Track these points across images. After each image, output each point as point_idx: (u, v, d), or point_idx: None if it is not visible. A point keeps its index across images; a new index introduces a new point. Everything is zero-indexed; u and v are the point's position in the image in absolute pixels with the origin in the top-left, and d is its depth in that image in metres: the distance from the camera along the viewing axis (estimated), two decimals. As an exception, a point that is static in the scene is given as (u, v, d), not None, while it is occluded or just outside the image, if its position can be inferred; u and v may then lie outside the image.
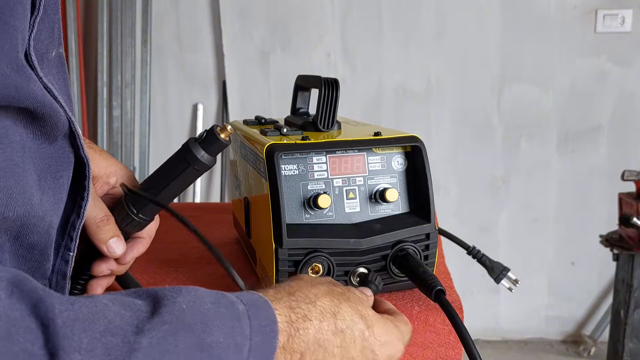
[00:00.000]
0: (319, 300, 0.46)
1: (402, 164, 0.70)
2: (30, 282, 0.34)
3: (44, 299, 0.33)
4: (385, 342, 0.49)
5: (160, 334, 0.36)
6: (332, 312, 0.46)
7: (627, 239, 1.72)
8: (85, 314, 0.34)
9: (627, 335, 1.73)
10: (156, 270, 0.82)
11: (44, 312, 0.33)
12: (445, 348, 0.67)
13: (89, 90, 2.56)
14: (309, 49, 2.44)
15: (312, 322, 0.44)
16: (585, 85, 2.39)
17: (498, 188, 2.51)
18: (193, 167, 0.61)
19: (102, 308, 0.35)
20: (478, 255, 0.83)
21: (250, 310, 0.41)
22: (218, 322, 0.39)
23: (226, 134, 0.61)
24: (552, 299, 2.58)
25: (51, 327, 0.32)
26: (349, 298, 0.49)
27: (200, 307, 0.39)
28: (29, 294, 0.33)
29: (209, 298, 0.41)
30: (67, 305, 0.34)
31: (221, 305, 0.41)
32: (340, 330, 0.46)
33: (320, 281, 0.51)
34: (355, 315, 0.47)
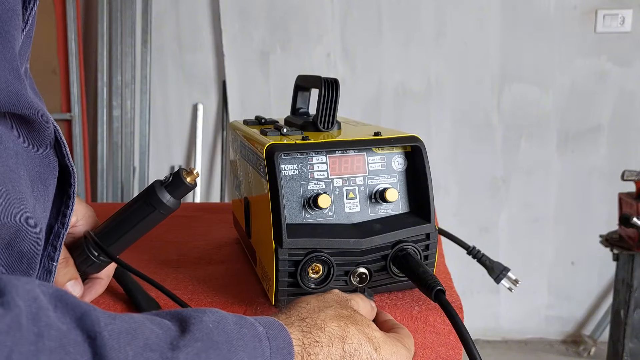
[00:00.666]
0: (327, 325, 0.48)
1: (402, 164, 0.70)
2: (71, 297, 0.35)
3: (88, 312, 0.35)
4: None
5: (194, 350, 0.37)
6: (339, 337, 0.47)
7: (627, 239, 1.72)
8: (127, 329, 0.36)
9: (627, 335, 1.73)
10: (156, 271, 0.82)
11: (90, 325, 0.34)
12: (445, 348, 0.67)
13: (89, 90, 2.56)
14: (309, 49, 2.44)
15: (322, 348, 0.46)
16: (585, 85, 2.39)
17: (498, 188, 2.51)
18: (158, 211, 0.61)
19: (140, 324, 0.37)
20: (478, 255, 0.83)
21: (269, 332, 0.43)
22: (242, 343, 0.41)
23: (192, 177, 0.61)
24: (552, 299, 2.58)
25: (98, 340, 0.34)
26: (355, 321, 0.50)
27: (225, 327, 0.41)
28: (73, 307, 0.35)
29: (231, 319, 0.42)
30: (110, 320, 0.35)
31: (243, 326, 0.42)
32: (349, 354, 0.47)
33: (328, 303, 0.52)
34: (363, 337, 0.48)
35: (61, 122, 2.46)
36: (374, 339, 0.49)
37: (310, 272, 0.65)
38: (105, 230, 0.64)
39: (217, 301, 0.71)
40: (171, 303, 0.71)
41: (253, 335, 0.42)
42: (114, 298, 0.72)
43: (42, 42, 2.42)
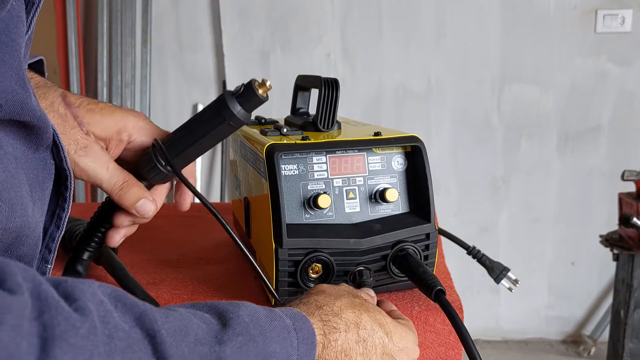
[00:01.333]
0: (343, 312, 0.51)
1: (402, 164, 0.70)
2: (128, 297, 0.38)
3: (146, 312, 0.37)
4: (403, 347, 0.53)
5: (237, 344, 0.41)
6: (355, 323, 0.51)
7: (627, 239, 1.72)
8: (180, 326, 0.38)
9: (627, 335, 1.73)
10: (156, 270, 0.82)
11: (149, 323, 0.37)
12: (445, 348, 0.67)
13: (89, 90, 2.56)
14: (309, 49, 2.44)
15: (340, 333, 0.49)
16: (585, 85, 2.39)
17: (498, 188, 2.51)
18: (228, 123, 0.57)
19: (189, 321, 0.40)
20: (478, 255, 0.83)
21: (295, 324, 0.46)
22: (274, 334, 0.44)
23: (264, 89, 0.56)
24: (552, 299, 2.58)
25: (157, 338, 0.36)
26: (368, 308, 0.53)
27: (259, 321, 0.44)
28: (131, 307, 0.37)
29: (262, 312, 0.45)
30: (164, 318, 0.38)
31: (273, 319, 0.45)
32: (363, 339, 0.50)
33: (341, 293, 0.55)
34: (375, 324, 0.52)
35: (61, 122, 2.46)
36: (385, 325, 0.52)
37: (310, 272, 0.65)
38: (172, 140, 0.60)
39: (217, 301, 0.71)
40: (170, 304, 0.71)
41: (282, 327, 0.45)
42: (114, 298, 0.72)
43: (42, 42, 2.42)
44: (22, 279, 0.32)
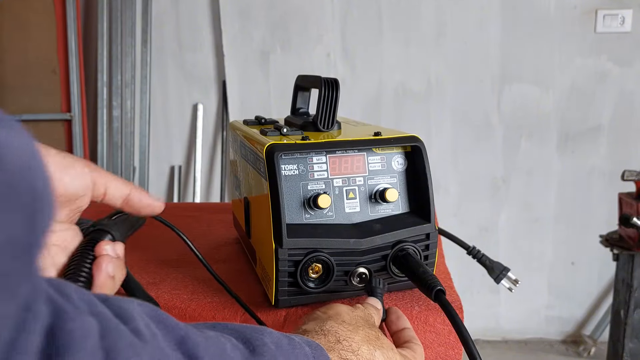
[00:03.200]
0: (360, 349, 0.52)
1: (402, 164, 0.70)
2: (168, 317, 0.37)
3: (188, 335, 0.37)
4: None
5: None
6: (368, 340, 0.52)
7: (627, 239, 1.72)
8: (216, 351, 0.38)
9: (627, 335, 1.73)
10: (156, 270, 0.82)
11: (191, 348, 0.36)
12: (445, 348, 0.67)
13: (89, 90, 2.56)
14: (309, 49, 2.44)
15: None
16: (585, 85, 2.39)
17: (498, 188, 2.51)
18: None
19: (224, 346, 0.40)
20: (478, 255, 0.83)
21: (314, 352, 0.47)
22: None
23: None
24: (552, 299, 2.58)
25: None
26: (382, 345, 0.54)
27: (282, 347, 0.44)
28: (172, 329, 0.36)
29: (284, 339, 0.46)
30: (204, 341, 0.38)
31: (295, 347, 0.46)
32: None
33: (358, 323, 0.55)
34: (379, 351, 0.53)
35: (61, 122, 2.46)
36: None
37: (310, 272, 0.65)
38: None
39: (217, 301, 0.71)
40: (169, 304, 0.71)
41: (303, 355, 0.46)
42: (114, 298, 0.72)
43: (42, 42, 2.42)
44: (79, 299, 0.30)
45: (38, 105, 2.43)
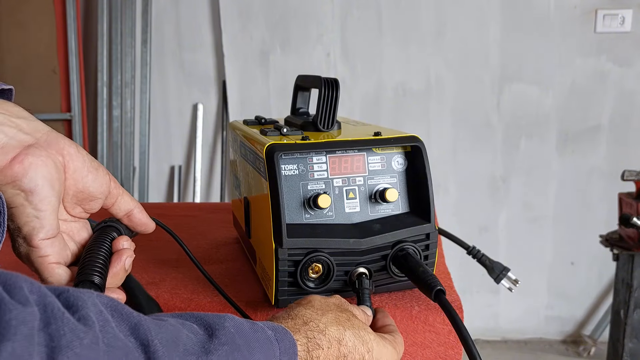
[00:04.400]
0: (328, 329, 0.53)
1: (402, 164, 0.70)
2: (124, 307, 0.39)
3: (141, 322, 0.39)
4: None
5: (223, 353, 0.42)
6: (337, 340, 0.53)
7: (627, 239, 1.72)
8: (171, 336, 0.40)
9: (627, 335, 1.73)
10: (156, 270, 0.82)
11: (143, 334, 0.38)
12: (445, 348, 0.67)
13: (89, 90, 2.56)
14: (309, 48, 2.44)
15: (322, 350, 0.51)
16: (585, 85, 2.39)
17: (498, 188, 2.51)
18: None
19: (178, 331, 0.41)
20: (478, 255, 0.83)
21: (276, 335, 0.48)
22: (257, 345, 0.45)
23: None
24: (552, 298, 2.58)
25: (151, 347, 0.38)
26: (352, 325, 0.55)
27: (243, 332, 0.46)
28: (127, 317, 0.38)
29: (246, 324, 0.47)
30: (157, 328, 0.39)
31: (257, 330, 0.47)
32: (343, 355, 0.52)
33: (329, 307, 0.56)
34: (357, 341, 0.54)
35: (61, 122, 2.46)
36: (368, 342, 0.55)
37: (310, 272, 0.65)
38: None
39: (217, 301, 0.71)
40: (169, 304, 0.71)
41: (265, 338, 0.46)
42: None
43: (41, 42, 2.42)
44: (29, 291, 0.32)
45: (38, 105, 2.43)
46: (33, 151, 0.50)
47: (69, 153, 0.52)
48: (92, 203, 0.56)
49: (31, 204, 0.49)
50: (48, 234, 0.50)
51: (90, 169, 0.54)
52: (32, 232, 0.50)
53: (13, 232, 0.51)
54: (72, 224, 0.56)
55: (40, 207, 0.49)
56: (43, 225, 0.50)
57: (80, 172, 0.53)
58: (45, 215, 0.50)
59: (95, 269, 0.51)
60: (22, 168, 0.48)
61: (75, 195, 0.54)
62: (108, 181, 0.56)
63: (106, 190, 0.56)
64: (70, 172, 0.53)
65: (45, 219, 0.50)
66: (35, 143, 0.51)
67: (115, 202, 0.58)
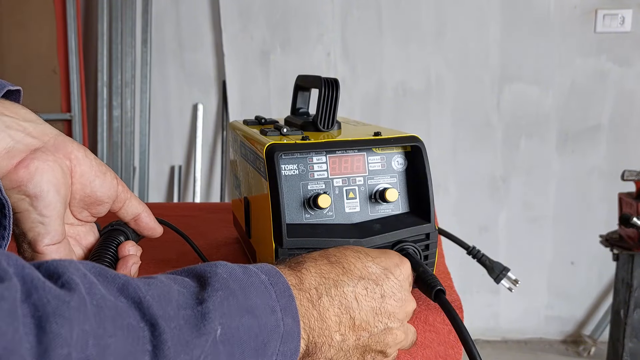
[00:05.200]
0: (310, 254, 0.53)
1: (402, 164, 0.70)
2: (109, 270, 0.38)
3: (128, 281, 0.38)
4: (380, 259, 0.55)
5: (218, 299, 0.41)
6: (323, 255, 0.53)
7: (627, 239, 1.72)
8: (161, 293, 0.39)
9: (627, 335, 1.73)
10: (156, 270, 0.82)
11: (133, 292, 0.37)
12: (445, 347, 0.67)
13: (89, 90, 2.56)
14: (309, 48, 2.44)
15: (307, 264, 0.51)
16: (585, 85, 2.39)
17: (498, 188, 2.51)
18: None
19: (169, 287, 0.40)
20: (478, 255, 0.83)
21: (270, 279, 0.47)
22: (252, 289, 0.44)
23: None
24: (552, 298, 2.58)
25: (144, 303, 0.37)
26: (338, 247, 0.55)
27: (237, 277, 0.44)
28: (113, 279, 0.38)
29: (238, 269, 0.46)
30: (146, 286, 0.39)
31: (250, 275, 0.46)
32: (335, 262, 0.52)
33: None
34: (341, 248, 0.55)
35: (61, 122, 2.46)
36: (353, 247, 0.55)
37: (310, 272, 0.65)
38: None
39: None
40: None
41: (259, 282, 0.46)
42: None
43: (42, 42, 2.42)
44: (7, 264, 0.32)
45: (38, 105, 2.42)
46: (39, 155, 0.49)
47: (77, 157, 0.52)
48: (99, 207, 0.55)
49: (36, 210, 0.48)
50: (53, 239, 0.50)
51: (97, 173, 0.54)
52: (37, 237, 0.49)
53: (18, 237, 0.50)
54: (78, 228, 0.56)
55: (45, 213, 0.49)
56: (48, 231, 0.49)
57: (87, 177, 0.53)
58: (50, 221, 0.49)
59: None
60: (28, 173, 0.48)
61: (82, 200, 0.54)
62: (116, 185, 0.56)
63: (114, 194, 0.56)
64: (77, 176, 0.52)
65: (51, 224, 0.49)
66: (42, 147, 0.50)
67: (122, 206, 0.57)
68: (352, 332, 0.50)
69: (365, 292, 0.51)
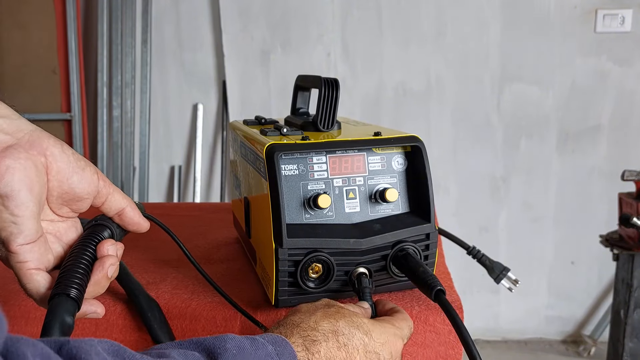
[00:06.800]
0: (319, 325, 0.52)
1: (402, 164, 0.70)
2: (126, 350, 0.38)
3: None
4: (384, 341, 0.55)
5: None
6: (332, 331, 0.52)
7: (627, 239, 1.72)
8: None
9: (627, 335, 1.73)
10: (156, 270, 0.82)
11: None
12: (445, 347, 0.67)
13: (89, 90, 2.56)
14: (309, 48, 2.44)
15: (320, 344, 0.51)
16: (585, 85, 2.39)
17: (498, 188, 2.51)
18: None
19: None
20: (478, 255, 0.83)
21: (277, 349, 0.47)
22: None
23: None
24: (552, 298, 2.58)
25: None
26: (344, 315, 0.54)
27: (245, 352, 0.45)
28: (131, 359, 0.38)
29: (246, 342, 0.46)
30: None
31: (257, 347, 0.46)
32: (343, 344, 0.52)
33: (316, 307, 0.56)
34: (352, 327, 0.53)
35: (61, 122, 2.46)
36: (362, 325, 0.54)
37: (310, 272, 0.65)
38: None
39: (217, 301, 0.71)
40: (169, 304, 0.71)
41: (266, 354, 0.46)
42: (114, 298, 0.72)
43: (42, 42, 2.42)
44: (32, 356, 0.32)
45: (38, 105, 2.43)
46: (11, 153, 0.47)
47: (52, 154, 0.50)
48: (80, 203, 0.54)
49: (7, 209, 0.47)
50: (27, 239, 0.48)
51: (75, 169, 0.52)
52: (9, 237, 0.48)
53: None
54: (59, 224, 0.54)
55: (16, 213, 0.47)
56: (21, 230, 0.48)
57: (64, 173, 0.51)
58: (22, 220, 0.48)
59: (74, 279, 0.49)
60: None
61: (61, 196, 0.52)
62: (96, 180, 0.54)
63: (94, 190, 0.54)
64: (53, 173, 0.51)
65: (23, 224, 0.48)
66: (15, 144, 0.48)
67: (105, 202, 0.55)
68: None
69: None
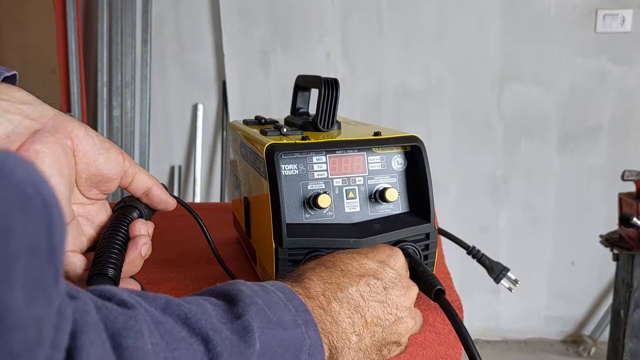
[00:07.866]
0: (306, 265, 0.54)
1: (402, 164, 0.70)
2: (149, 293, 0.39)
3: (170, 300, 0.39)
4: (381, 259, 0.56)
5: (253, 312, 0.42)
6: (318, 263, 0.54)
7: (627, 239, 1.72)
8: (201, 310, 0.40)
9: (627, 335, 1.73)
10: (156, 270, 0.82)
11: (177, 309, 0.38)
12: (445, 347, 0.67)
13: (89, 90, 2.56)
14: (309, 48, 2.44)
15: (307, 274, 0.51)
16: (585, 85, 2.39)
17: (498, 188, 2.51)
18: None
19: (205, 305, 0.41)
20: (478, 255, 0.83)
21: (285, 296, 0.47)
22: (274, 305, 0.45)
23: None
24: (552, 298, 2.58)
25: (191, 318, 0.38)
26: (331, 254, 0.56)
27: (258, 293, 0.45)
28: (154, 299, 0.38)
29: (257, 287, 0.46)
30: (187, 304, 0.40)
31: (268, 292, 0.46)
32: (332, 266, 0.52)
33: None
34: (334, 253, 0.55)
35: (61, 122, 2.46)
36: (357, 251, 0.56)
37: (310, 271, 0.65)
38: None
39: (217, 301, 0.71)
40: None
41: (277, 298, 0.46)
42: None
43: (42, 42, 2.42)
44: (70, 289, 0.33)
45: (38, 105, 2.42)
46: (39, 138, 0.48)
47: (77, 136, 0.51)
48: (108, 184, 0.55)
49: None
50: None
51: (101, 150, 0.53)
52: None
53: None
54: (89, 207, 0.55)
55: None
56: None
57: (90, 155, 0.52)
58: None
59: (110, 259, 0.50)
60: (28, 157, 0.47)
61: (89, 178, 0.53)
62: (122, 161, 0.55)
63: (121, 170, 0.55)
64: (80, 155, 0.51)
65: None
66: (41, 129, 0.49)
67: (132, 182, 0.56)
68: (366, 330, 0.50)
69: (369, 288, 0.52)
